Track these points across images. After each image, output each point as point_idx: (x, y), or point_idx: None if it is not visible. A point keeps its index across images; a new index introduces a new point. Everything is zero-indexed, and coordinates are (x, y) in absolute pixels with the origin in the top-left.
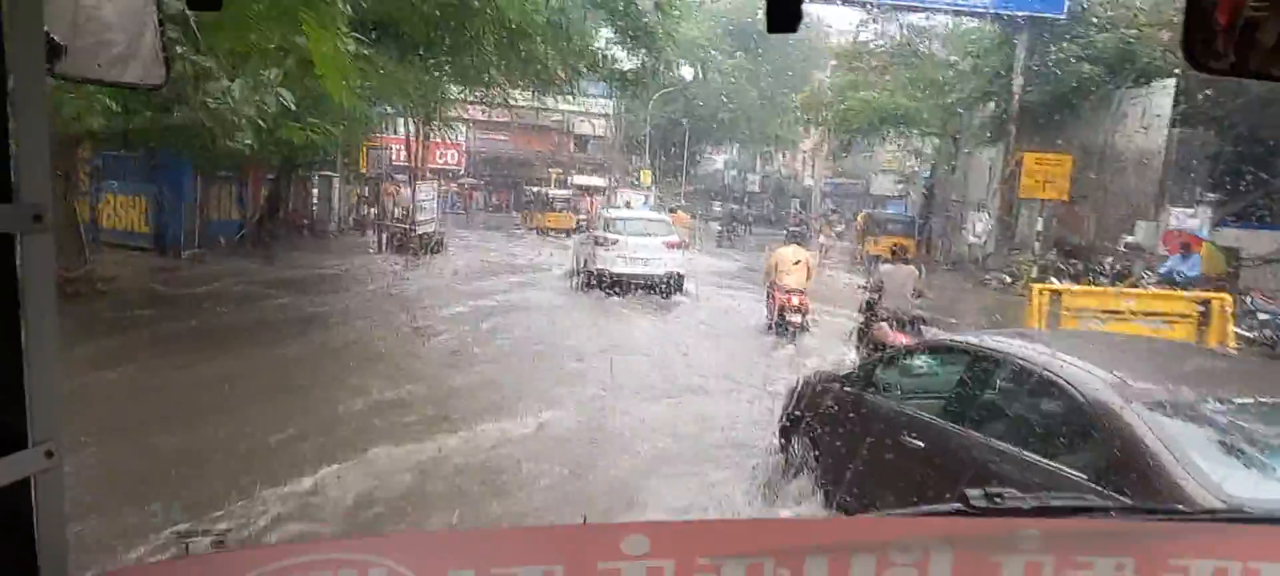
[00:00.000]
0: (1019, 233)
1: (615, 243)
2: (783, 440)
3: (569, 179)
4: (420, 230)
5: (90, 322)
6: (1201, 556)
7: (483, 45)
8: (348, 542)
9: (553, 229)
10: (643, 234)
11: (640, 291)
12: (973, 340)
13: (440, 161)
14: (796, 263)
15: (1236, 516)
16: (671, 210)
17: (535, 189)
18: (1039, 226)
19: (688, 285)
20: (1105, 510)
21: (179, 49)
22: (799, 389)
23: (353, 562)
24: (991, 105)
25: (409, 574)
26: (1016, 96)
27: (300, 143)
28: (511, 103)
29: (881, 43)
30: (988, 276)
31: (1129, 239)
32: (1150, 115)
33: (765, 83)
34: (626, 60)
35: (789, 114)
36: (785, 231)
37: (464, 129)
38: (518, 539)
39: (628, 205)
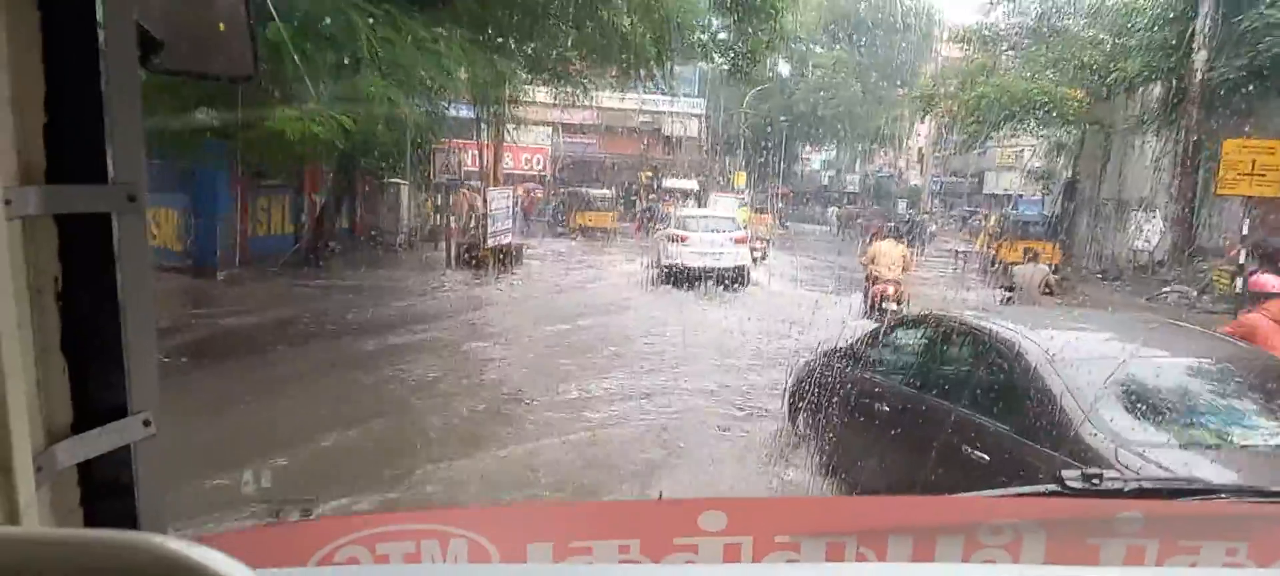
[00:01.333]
0: (1201, 236)
1: (686, 239)
2: (791, 407)
3: (659, 182)
4: (495, 240)
5: None
6: None
7: (557, 20)
8: (429, 513)
9: (591, 227)
10: (712, 231)
11: (712, 283)
12: (942, 314)
13: (525, 166)
14: (894, 256)
15: None
16: (758, 211)
17: (582, 189)
18: (1244, 228)
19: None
20: (1215, 492)
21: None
22: (806, 362)
23: (435, 533)
24: (1158, 86)
25: (488, 544)
26: (1198, 73)
27: (361, 138)
28: (592, 95)
29: (1015, 20)
30: (1166, 290)
31: None
32: None
33: (869, 76)
34: (723, 39)
35: (894, 107)
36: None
37: (548, 132)
38: (595, 512)
39: (698, 205)
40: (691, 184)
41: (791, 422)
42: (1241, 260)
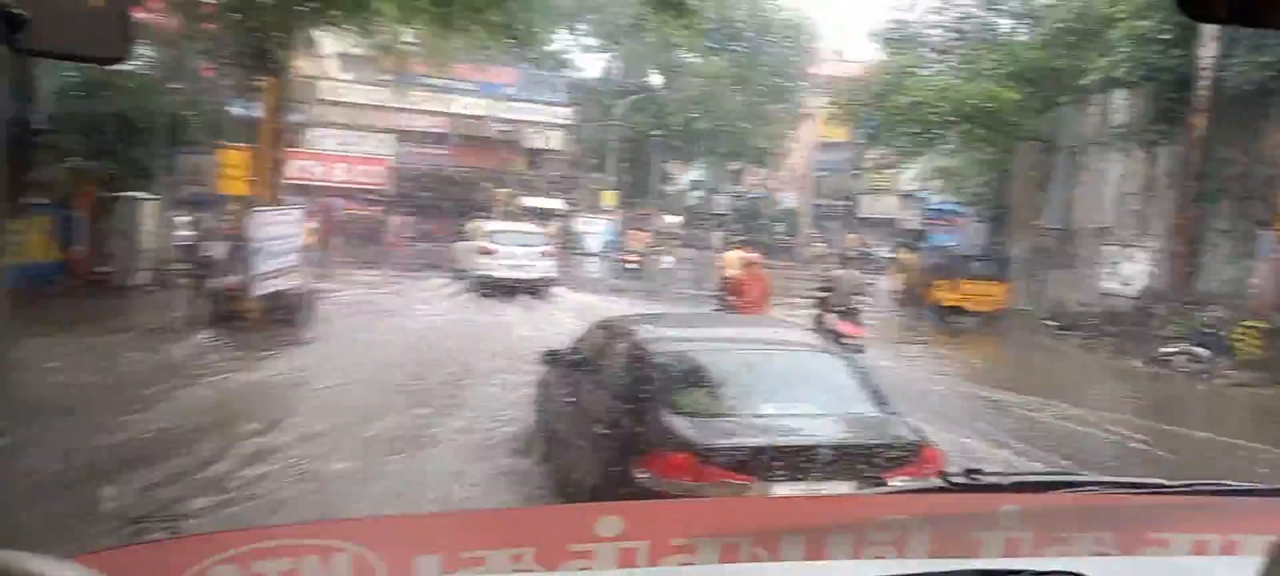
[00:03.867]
0: (1201, 278)
1: (495, 252)
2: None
3: (516, 201)
4: (262, 287)
5: None
6: (1181, 530)
7: None
8: (312, 527)
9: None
10: (520, 244)
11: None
12: (614, 321)
13: (360, 179)
14: (745, 263)
15: (1216, 489)
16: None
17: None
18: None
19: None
20: (1085, 485)
21: None
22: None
23: (315, 548)
24: (1130, 91)
25: (375, 558)
26: (1204, 73)
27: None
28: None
29: (944, 16)
30: (1170, 351)
31: None
32: None
33: (751, 89)
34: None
35: (774, 123)
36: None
37: (391, 141)
38: (487, 522)
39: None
40: (555, 203)
41: (536, 418)
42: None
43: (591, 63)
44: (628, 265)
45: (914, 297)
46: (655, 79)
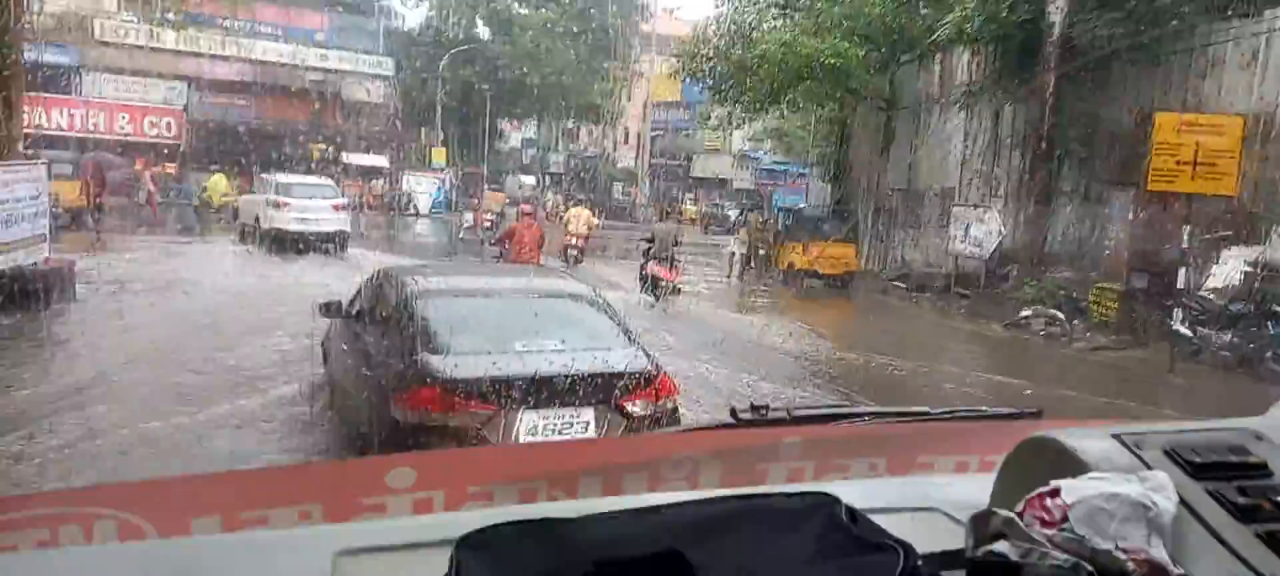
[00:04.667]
0: (1053, 240)
1: (288, 205)
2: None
3: (336, 156)
4: None
5: None
6: (945, 453)
7: None
8: (70, 493)
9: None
10: (311, 197)
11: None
12: (386, 271)
13: (147, 132)
14: (582, 219)
15: (975, 415)
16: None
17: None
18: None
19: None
20: (859, 415)
21: None
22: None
23: (76, 516)
24: (971, 52)
25: (144, 524)
26: (1055, 30)
27: None
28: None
29: None
30: (1026, 315)
31: None
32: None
33: (583, 43)
34: None
35: (609, 81)
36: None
37: (182, 89)
38: (270, 479)
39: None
40: (380, 160)
41: (325, 366)
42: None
43: (412, 11)
44: (483, 226)
45: (762, 260)
46: (483, 31)
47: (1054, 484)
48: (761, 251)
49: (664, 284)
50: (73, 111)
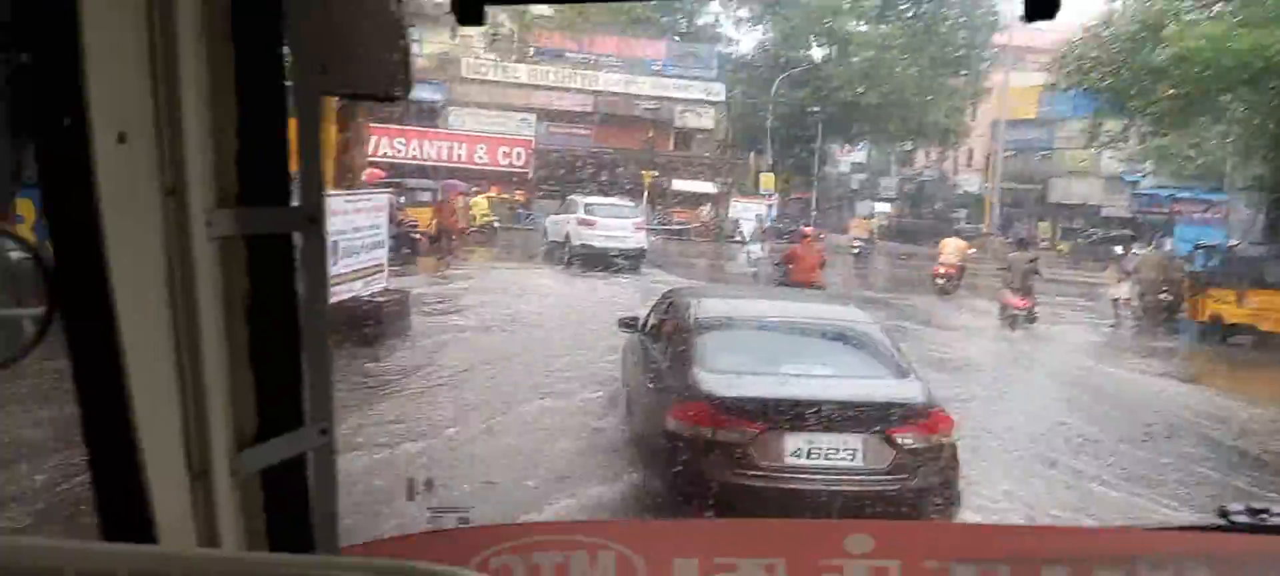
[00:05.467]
0: None
1: (594, 224)
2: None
3: (666, 184)
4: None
5: None
6: None
7: None
8: (579, 526)
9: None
10: (615, 217)
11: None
12: (675, 292)
13: (501, 162)
14: (954, 248)
15: None
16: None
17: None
18: None
19: None
20: None
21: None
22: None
23: (585, 544)
24: None
25: (636, 558)
26: None
27: None
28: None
29: None
30: None
31: None
32: None
33: (923, 59)
34: None
35: (953, 98)
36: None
37: (529, 121)
38: (741, 531)
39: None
40: (708, 187)
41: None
42: None
43: (746, 35)
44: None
45: (1165, 308)
46: (816, 52)
47: None
48: (1163, 295)
49: (1016, 313)
50: (440, 143)
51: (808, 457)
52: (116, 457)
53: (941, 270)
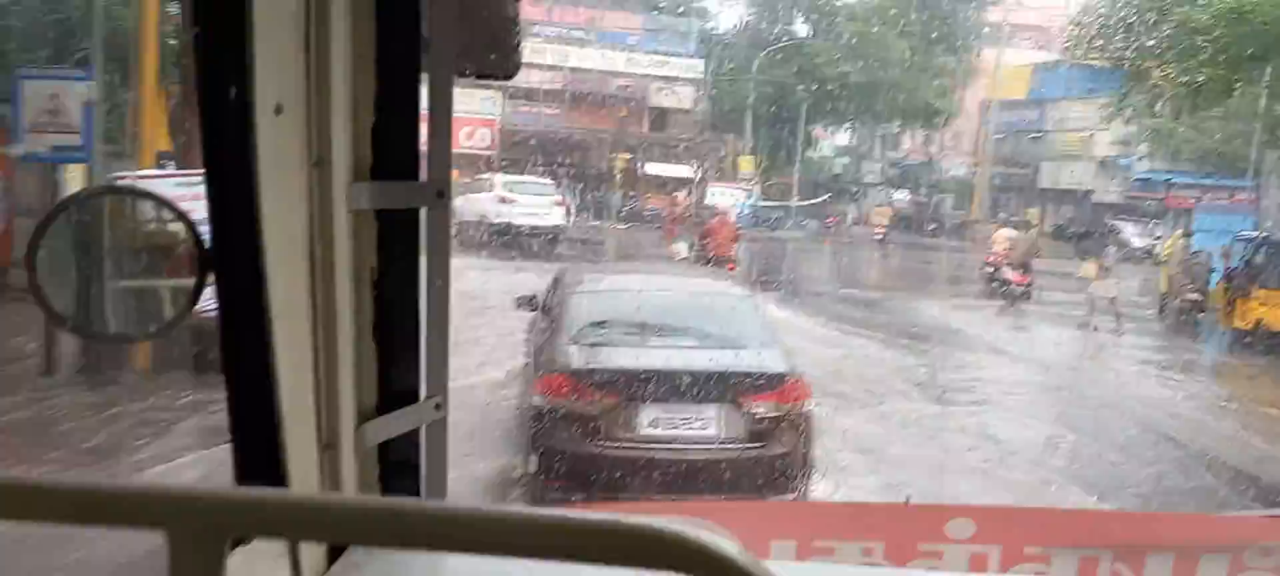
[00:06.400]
0: None
1: (514, 202)
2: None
3: (640, 166)
4: None
5: None
6: None
7: None
8: (677, 506)
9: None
10: (536, 194)
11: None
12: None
13: (466, 143)
14: (1010, 237)
15: None
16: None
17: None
18: None
19: None
20: None
21: None
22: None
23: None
24: None
25: (733, 538)
26: None
27: None
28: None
29: None
30: None
31: None
32: None
33: (914, 35)
34: None
35: (944, 77)
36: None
37: (497, 99)
38: (840, 514)
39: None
40: (685, 171)
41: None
42: None
43: (727, 8)
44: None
45: (1190, 308)
46: (801, 27)
47: None
48: (1191, 295)
49: (1013, 287)
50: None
51: (663, 428)
52: (257, 423)
53: (1005, 268)
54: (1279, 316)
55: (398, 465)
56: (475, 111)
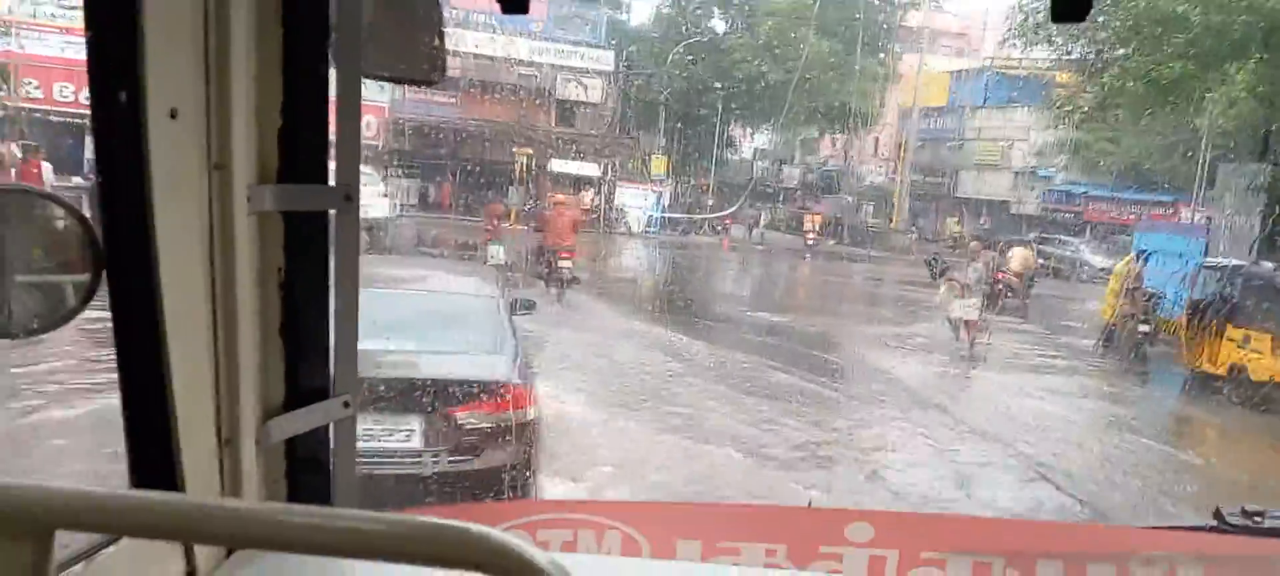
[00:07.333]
0: None
1: None
2: None
3: (541, 164)
4: None
5: None
6: None
7: None
8: (585, 505)
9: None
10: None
11: None
12: None
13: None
14: (1023, 258)
15: None
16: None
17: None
18: None
19: None
20: None
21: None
22: None
23: (591, 523)
24: None
25: (641, 538)
26: None
27: None
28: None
29: None
30: None
31: None
32: None
33: (836, 33)
34: None
35: (865, 80)
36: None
37: (386, 85)
38: (744, 516)
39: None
40: (592, 169)
41: None
42: None
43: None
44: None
45: (1137, 340)
46: (718, 23)
47: None
48: (1142, 327)
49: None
50: None
51: (361, 439)
52: (150, 421)
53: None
54: (1264, 365)
55: (305, 462)
56: (364, 99)
